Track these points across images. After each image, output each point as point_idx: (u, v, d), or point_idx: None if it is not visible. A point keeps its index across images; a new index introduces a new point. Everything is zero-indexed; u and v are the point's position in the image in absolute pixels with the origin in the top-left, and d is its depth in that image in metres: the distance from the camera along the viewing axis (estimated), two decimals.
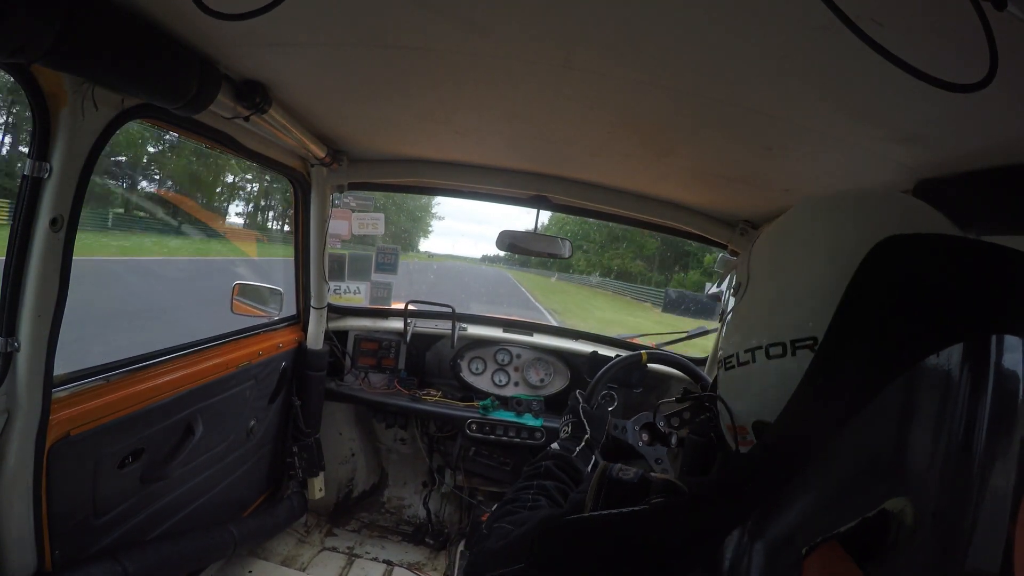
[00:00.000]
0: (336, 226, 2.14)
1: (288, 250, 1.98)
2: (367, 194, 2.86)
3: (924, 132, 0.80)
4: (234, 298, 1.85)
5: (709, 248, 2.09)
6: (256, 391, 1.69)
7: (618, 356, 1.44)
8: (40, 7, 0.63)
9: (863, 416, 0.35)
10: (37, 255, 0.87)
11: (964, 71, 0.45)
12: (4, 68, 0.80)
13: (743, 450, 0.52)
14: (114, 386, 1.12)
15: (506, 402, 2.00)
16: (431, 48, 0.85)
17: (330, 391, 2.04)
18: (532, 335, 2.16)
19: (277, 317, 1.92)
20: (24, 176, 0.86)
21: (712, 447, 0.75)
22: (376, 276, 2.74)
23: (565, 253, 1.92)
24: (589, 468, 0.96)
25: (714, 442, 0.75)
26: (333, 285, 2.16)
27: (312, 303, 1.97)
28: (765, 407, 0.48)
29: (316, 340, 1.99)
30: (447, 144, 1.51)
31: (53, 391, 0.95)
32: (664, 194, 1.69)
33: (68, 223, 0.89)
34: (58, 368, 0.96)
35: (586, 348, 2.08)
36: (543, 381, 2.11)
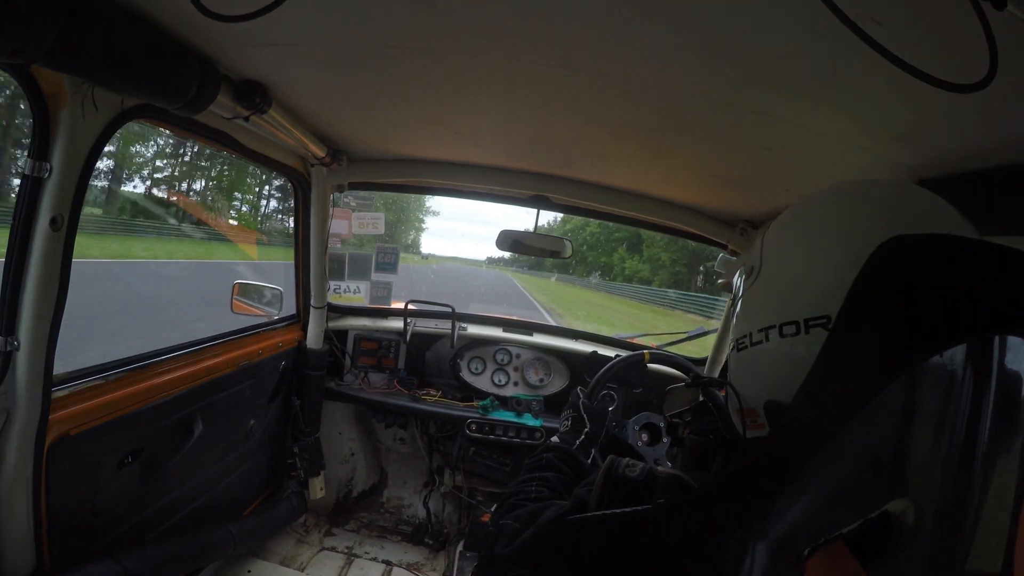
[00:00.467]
0: (336, 226, 2.14)
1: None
2: (368, 193, 2.86)
3: (924, 132, 0.80)
4: (234, 297, 1.85)
5: None
6: (256, 390, 1.69)
7: (618, 356, 1.44)
8: (40, 8, 0.63)
9: (865, 416, 0.35)
10: (37, 255, 0.87)
11: (964, 71, 0.45)
12: (4, 69, 0.80)
13: (751, 434, 0.53)
14: (113, 385, 1.12)
15: (506, 402, 2.00)
16: (431, 48, 0.85)
17: (330, 390, 2.04)
18: (532, 335, 2.16)
19: (277, 316, 1.92)
20: (24, 176, 0.86)
21: (711, 448, 0.75)
22: (376, 276, 2.74)
23: (565, 253, 1.92)
24: (589, 461, 0.96)
25: (713, 443, 0.75)
26: (333, 284, 2.16)
27: (312, 302, 1.97)
28: (777, 387, 0.48)
29: (316, 339, 1.99)
30: (447, 144, 1.51)
31: (52, 390, 0.95)
32: (664, 194, 1.69)
33: (68, 223, 0.89)
34: (57, 367, 0.96)
35: (586, 348, 2.08)
36: (543, 381, 2.11)
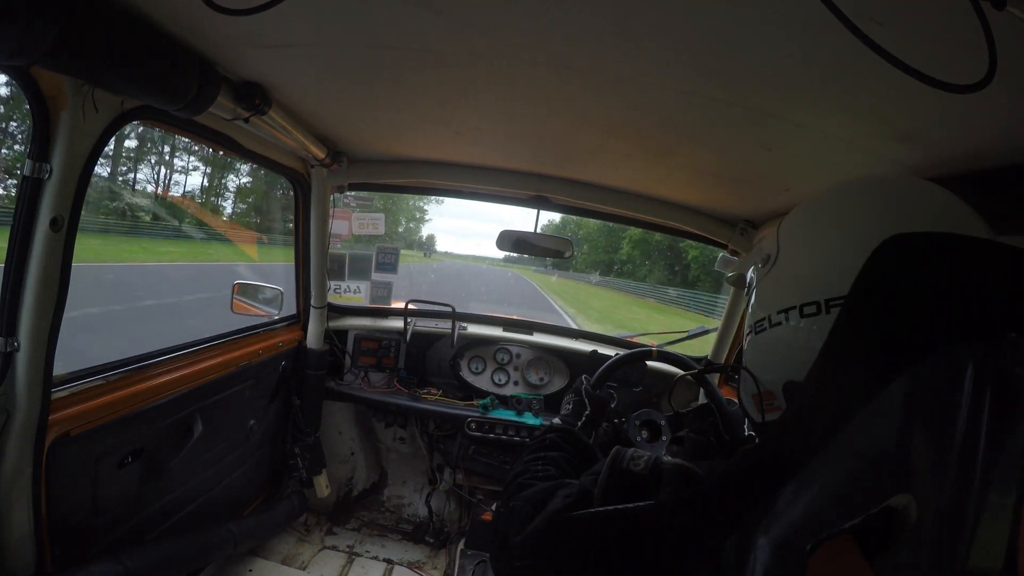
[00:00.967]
0: (336, 226, 2.13)
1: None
2: (368, 193, 2.86)
3: (924, 132, 0.80)
4: (234, 297, 1.85)
5: None
6: (256, 390, 1.70)
7: (618, 354, 1.44)
8: (40, 9, 0.63)
9: (868, 412, 0.35)
10: (37, 255, 0.87)
11: (964, 71, 0.45)
12: (4, 70, 0.81)
13: (769, 417, 0.53)
14: (114, 386, 1.12)
15: (506, 401, 2.00)
16: (431, 49, 0.85)
17: (330, 390, 2.04)
18: (532, 334, 2.16)
19: (277, 316, 1.92)
20: (24, 177, 0.86)
21: (711, 448, 0.75)
22: (376, 275, 2.74)
23: (566, 253, 1.92)
24: (591, 441, 0.96)
25: (713, 444, 0.75)
26: (333, 284, 2.16)
27: (312, 302, 1.97)
28: (796, 367, 0.49)
29: (316, 339, 2.00)
30: (447, 144, 1.51)
31: (52, 391, 0.95)
32: (664, 194, 1.69)
33: (68, 224, 0.89)
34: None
35: (586, 347, 2.08)
36: (543, 380, 2.11)
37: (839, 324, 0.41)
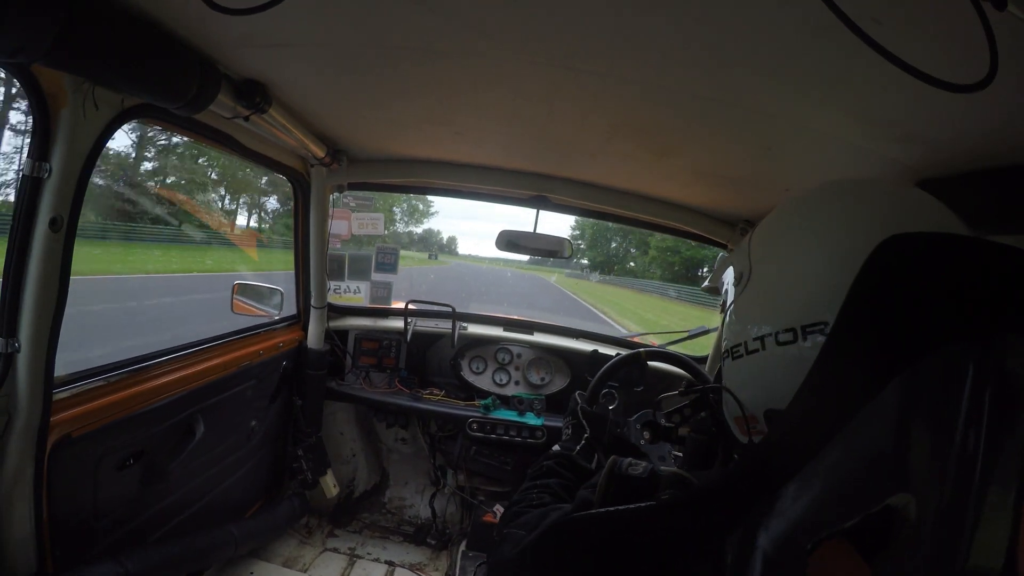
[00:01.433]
0: (336, 226, 2.13)
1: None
2: (368, 193, 2.86)
3: (924, 132, 0.80)
4: (234, 297, 1.85)
5: None
6: (257, 391, 1.69)
7: (618, 355, 1.44)
8: (40, 7, 0.63)
9: (868, 411, 0.35)
10: (37, 256, 0.86)
11: (964, 71, 0.46)
12: (4, 68, 0.80)
13: (756, 440, 0.52)
14: (114, 387, 1.12)
15: (507, 401, 2.00)
16: (431, 49, 0.85)
17: (331, 390, 2.04)
18: (532, 334, 2.16)
19: (277, 317, 1.91)
20: (24, 176, 0.86)
21: (714, 443, 0.75)
22: (376, 275, 2.73)
23: (565, 253, 1.92)
24: (592, 465, 0.96)
25: (715, 439, 0.75)
26: (333, 284, 2.16)
27: (312, 302, 1.97)
28: (776, 394, 0.48)
29: (316, 339, 1.99)
30: (447, 144, 1.51)
31: (53, 392, 0.95)
32: (664, 194, 1.69)
33: (68, 223, 0.89)
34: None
35: (586, 347, 2.08)
36: (543, 380, 2.11)
37: (839, 323, 0.41)
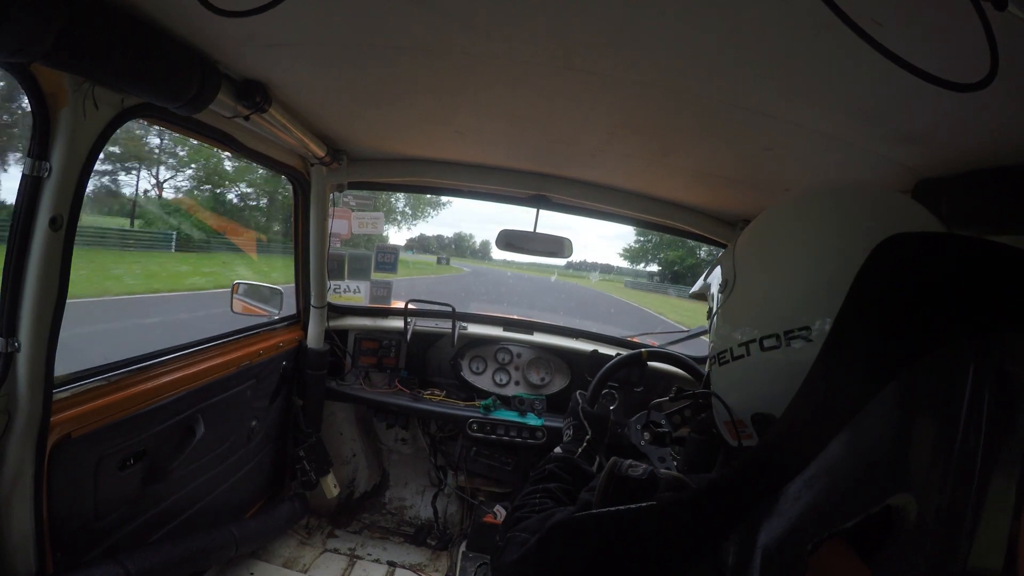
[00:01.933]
0: (337, 226, 2.13)
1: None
2: (367, 193, 2.86)
3: (924, 132, 0.80)
4: (234, 297, 1.85)
5: None
6: (257, 391, 1.69)
7: (618, 355, 1.44)
8: (40, 7, 0.63)
9: (868, 411, 0.35)
10: (37, 255, 0.86)
11: (964, 70, 0.46)
12: (4, 67, 0.80)
13: (745, 443, 0.53)
14: (115, 387, 1.12)
15: (508, 401, 2.00)
16: (431, 48, 0.85)
17: (331, 390, 2.04)
18: (532, 334, 2.16)
19: (277, 316, 1.91)
20: (24, 175, 0.85)
21: (714, 444, 0.75)
22: (376, 275, 2.74)
23: (565, 253, 1.92)
24: (594, 468, 0.97)
25: (716, 439, 0.75)
26: (333, 284, 2.16)
27: (312, 302, 1.97)
28: (763, 399, 0.49)
29: (316, 339, 1.99)
30: (447, 143, 1.51)
31: (54, 392, 0.94)
32: (665, 194, 1.69)
33: (68, 223, 0.89)
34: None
35: (586, 347, 2.08)
36: (543, 380, 2.11)
37: (841, 318, 0.41)
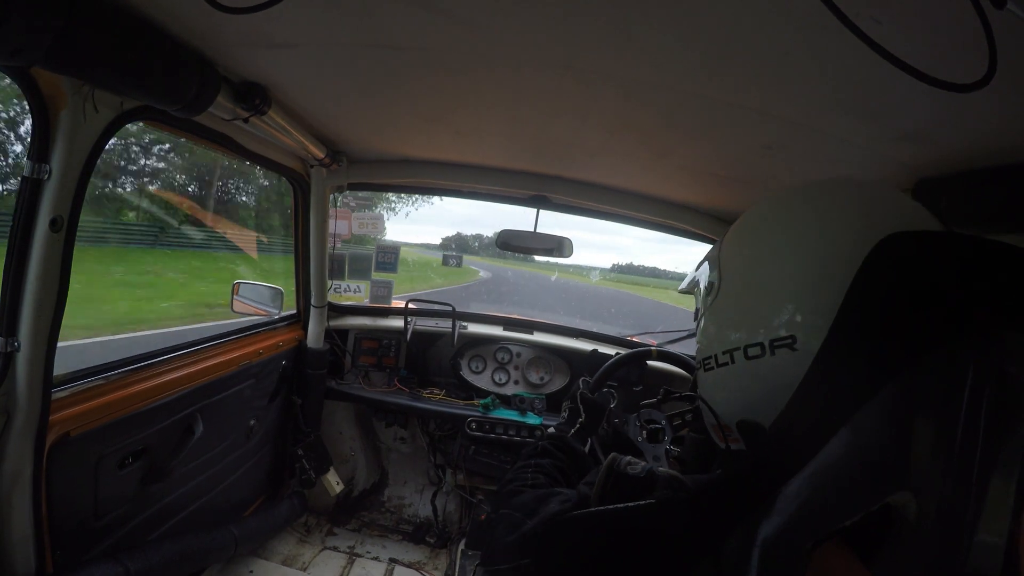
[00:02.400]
0: (337, 226, 2.13)
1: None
2: (367, 193, 2.86)
3: (924, 131, 0.80)
4: (234, 297, 1.85)
5: None
6: (256, 390, 1.70)
7: (618, 354, 1.44)
8: (39, 10, 0.63)
9: (868, 409, 0.35)
10: (37, 256, 0.87)
11: (964, 70, 0.45)
12: (3, 70, 0.80)
13: (733, 447, 0.53)
14: (114, 386, 1.12)
15: (508, 400, 2.00)
16: (431, 49, 0.85)
17: (330, 390, 2.04)
18: (532, 333, 2.16)
19: (277, 316, 1.92)
20: (24, 177, 0.86)
21: (712, 444, 0.75)
22: (376, 275, 2.74)
23: (566, 252, 1.92)
24: (586, 448, 0.97)
25: (715, 444, 0.75)
26: (333, 284, 2.16)
27: (312, 302, 1.97)
28: (747, 406, 0.49)
29: (316, 339, 2.00)
30: (447, 144, 1.51)
31: (53, 391, 0.95)
32: (664, 194, 1.69)
33: (68, 224, 0.89)
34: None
35: (586, 346, 2.08)
36: (543, 379, 2.11)
37: (841, 318, 0.41)
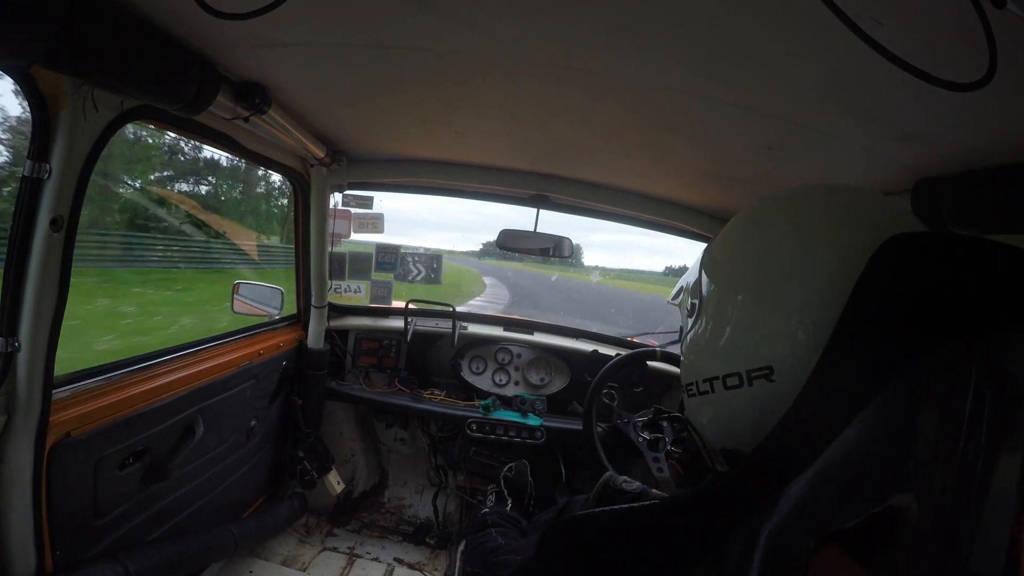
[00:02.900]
0: (338, 226, 2.13)
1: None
2: (367, 193, 2.85)
3: (924, 131, 0.80)
4: (234, 297, 1.85)
5: None
6: (257, 391, 1.69)
7: (618, 355, 1.44)
8: (39, 9, 0.63)
9: (871, 410, 0.35)
10: (37, 256, 0.87)
11: (964, 70, 0.45)
12: (3, 70, 0.80)
13: (719, 468, 0.52)
14: (114, 386, 1.12)
15: (509, 402, 2.00)
16: (431, 48, 0.85)
17: (331, 390, 2.04)
18: (532, 334, 2.16)
19: (278, 316, 1.92)
20: (24, 177, 0.86)
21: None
22: (376, 275, 2.73)
23: (566, 252, 1.92)
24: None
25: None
26: (334, 284, 2.16)
27: (313, 302, 1.97)
28: (728, 435, 0.48)
29: (317, 339, 1.99)
30: (447, 144, 1.51)
31: (53, 392, 0.95)
32: (664, 193, 1.69)
33: (68, 224, 0.89)
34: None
35: (586, 347, 2.08)
36: (543, 380, 2.11)
37: (842, 324, 0.41)
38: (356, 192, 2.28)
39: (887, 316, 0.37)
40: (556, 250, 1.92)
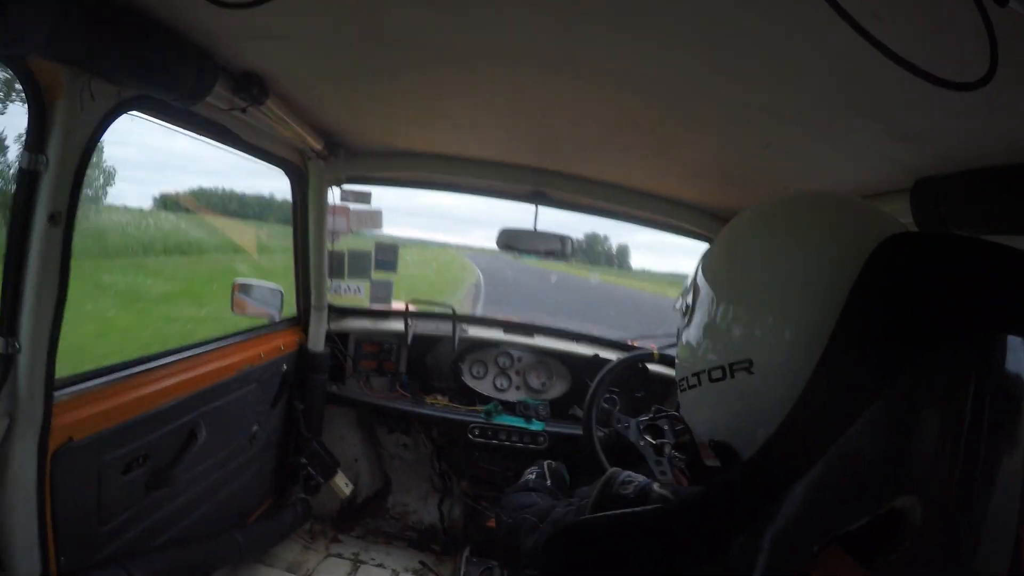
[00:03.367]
0: (336, 222, 2.11)
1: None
2: (367, 188, 2.82)
3: (924, 130, 0.80)
4: (234, 297, 1.83)
5: None
6: (258, 395, 1.66)
7: (619, 358, 1.44)
8: None
9: (872, 412, 0.35)
10: (36, 252, 0.84)
11: (964, 69, 0.45)
12: (1, 60, 0.80)
13: (708, 463, 0.54)
14: (116, 389, 1.09)
15: (512, 407, 1.98)
16: (430, 41, 0.85)
17: (332, 394, 2.01)
18: (533, 337, 2.14)
19: (278, 318, 1.88)
20: (21, 170, 0.84)
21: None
22: (376, 275, 2.70)
23: (566, 251, 1.91)
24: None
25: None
26: (333, 284, 2.14)
27: (313, 303, 1.94)
28: (716, 427, 0.50)
29: (317, 342, 1.96)
30: (445, 138, 1.51)
31: (55, 394, 0.92)
32: (663, 191, 1.69)
33: (67, 218, 0.87)
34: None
35: (587, 351, 2.07)
36: (544, 385, 2.09)
37: (841, 325, 0.41)
38: (354, 187, 2.26)
39: (887, 316, 0.37)
40: (557, 250, 1.90)
